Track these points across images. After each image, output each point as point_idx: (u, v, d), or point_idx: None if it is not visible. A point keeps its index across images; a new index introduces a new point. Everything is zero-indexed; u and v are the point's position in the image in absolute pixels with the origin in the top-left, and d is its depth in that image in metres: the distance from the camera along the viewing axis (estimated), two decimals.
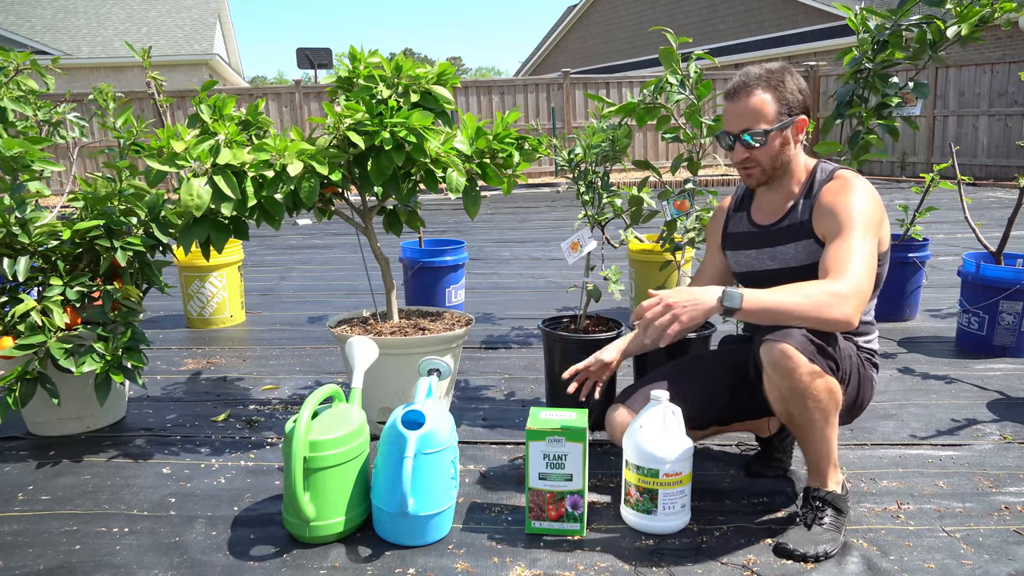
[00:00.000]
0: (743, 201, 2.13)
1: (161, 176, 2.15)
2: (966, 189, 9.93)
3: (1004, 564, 1.71)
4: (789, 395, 1.72)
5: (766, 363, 1.73)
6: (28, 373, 2.27)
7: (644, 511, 1.84)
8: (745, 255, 2.07)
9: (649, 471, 1.81)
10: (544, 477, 1.83)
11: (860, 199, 1.83)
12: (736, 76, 1.93)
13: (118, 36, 19.27)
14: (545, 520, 1.85)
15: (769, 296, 1.69)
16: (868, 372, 1.95)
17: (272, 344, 3.66)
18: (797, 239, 1.93)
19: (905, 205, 3.79)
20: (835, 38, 14.94)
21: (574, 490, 1.83)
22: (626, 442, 1.87)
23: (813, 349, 1.71)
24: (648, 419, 1.84)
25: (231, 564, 1.76)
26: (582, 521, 1.85)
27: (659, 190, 2.80)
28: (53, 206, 2.86)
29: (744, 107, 1.87)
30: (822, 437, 1.77)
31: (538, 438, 1.82)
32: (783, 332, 1.71)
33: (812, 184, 1.94)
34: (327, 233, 7.75)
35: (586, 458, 1.82)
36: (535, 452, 1.83)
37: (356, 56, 2.49)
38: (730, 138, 1.92)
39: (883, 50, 2.86)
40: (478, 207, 2.44)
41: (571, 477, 1.82)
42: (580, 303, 4.31)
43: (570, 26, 23.89)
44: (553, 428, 1.82)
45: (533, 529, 1.87)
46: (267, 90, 12.33)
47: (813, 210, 1.90)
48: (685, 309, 1.66)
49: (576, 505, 1.84)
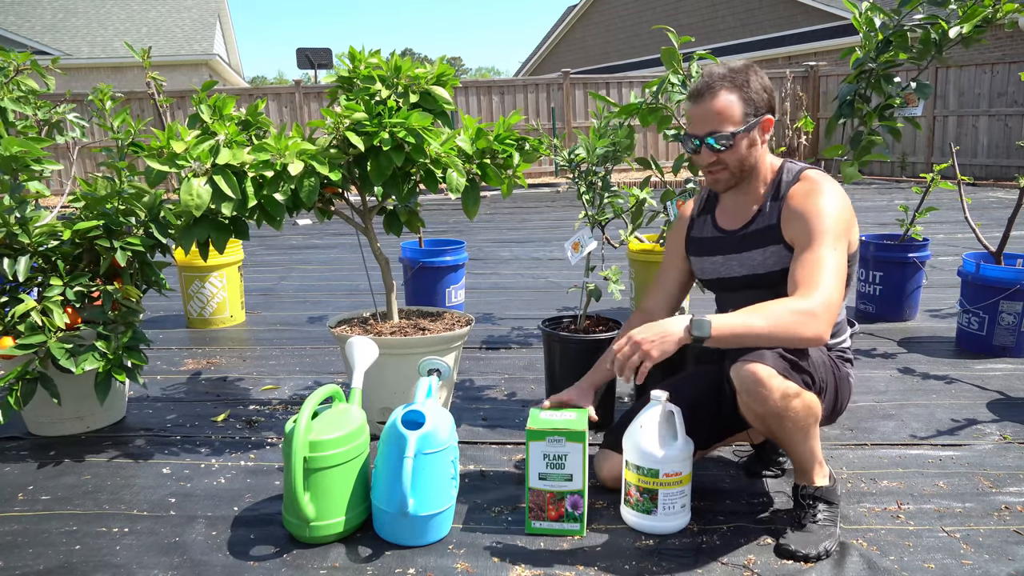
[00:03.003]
0: (707, 204, 2.09)
1: (161, 176, 2.15)
2: (966, 189, 9.93)
3: (1004, 564, 1.71)
4: (766, 417, 1.72)
5: (739, 388, 1.71)
6: (28, 373, 2.27)
7: (644, 511, 1.84)
8: (711, 261, 2.03)
9: (649, 471, 1.81)
10: (544, 477, 1.83)
11: (829, 204, 1.79)
12: (699, 77, 1.87)
13: (118, 36, 19.27)
14: (545, 520, 1.85)
15: (739, 320, 1.67)
16: (844, 371, 1.93)
17: (272, 344, 3.66)
18: (765, 244, 1.90)
19: (905, 205, 3.79)
20: (835, 38, 14.94)
21: (574, 490, 1.83)
22: (626, 442, 1.86)
23: (786, 365, 1.69)
24: (648, 419, 1.84)
25: (231, 564, 1.76)
26: (582, 521, 1.85)
27: (660, 190, 2.81)
28: (53, 206, 2.86)
29: (709, 109, 1.82)
30: (805, 447, 1.78)
31: (538, 438, 1.82)
32: (755, 353, 1.69)
33: (779, 185, 1.90)
34: (327, 233, 7.75)
35: (586, 458, 1.82)
36: (535, 452, 1.83)
37: (356, 56, 2.49)
38: (695, 142, 1.86)
39: (887, 50, 2.86)
40: (478, 207, 2.44)
41: (571, 477, 1.82)
42: (580, 303, 4.31)
43: (570, 26, 23.89)
44: (553, 428, 1.81)
45: (533, 529, 1.86)
46: (267, 90, 12.33)
47: (781, 213, 1.86)
48: (654, 344, 1.64)
49: (576, 505, 1.83)
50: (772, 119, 1.87)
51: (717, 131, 1.82)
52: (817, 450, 1.81)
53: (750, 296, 1.91)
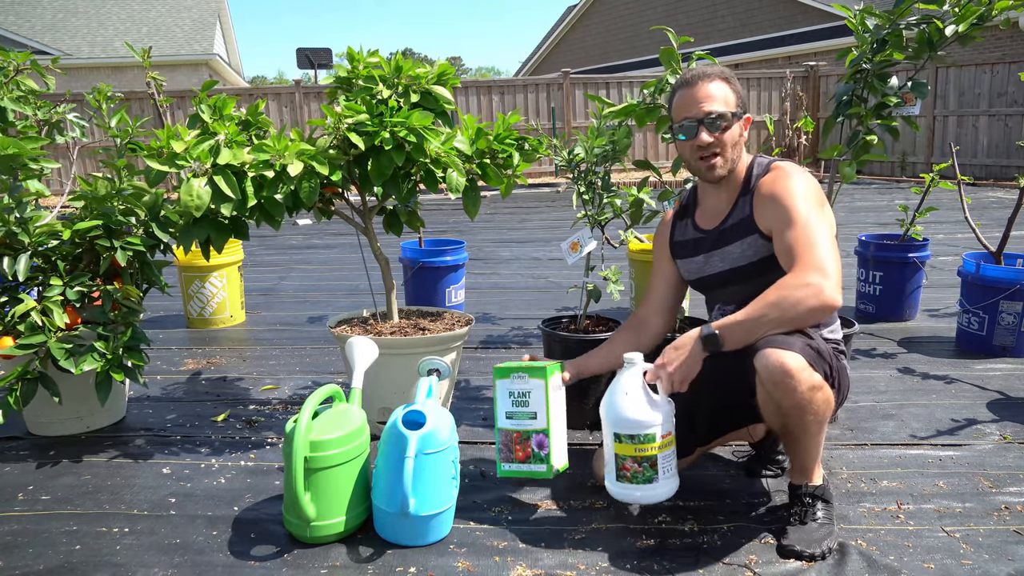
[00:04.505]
0: (687, 208, 2.12)
1: (161, 176, 2.15)
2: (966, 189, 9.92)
3: (1004, 564, 1.71)
4: (788, 410, 1.71)
5: (765, 379, 1.70)
6: (28, 373, 2.27)
7: (645, 481, 1.76)
8: (694, 261, 2.05)
9: (646, 437, 1.74)
10: (511, 416, 1.90)
11: (799, 185, 1.83)
12: (687, 71, 1.94)
13: (118, 36, 19.27)
14: (514, 462, 1.91)
15: (744, 313, 1.69)
16: (842, 363, 1.94)
17: (272, 344, 3.66)
18: (741, 236, 1.92)
19: (905, 205, 3.79)
20: (835, 38, 14.94)
21: (539, 429, 1.87)
22: (610, 413, 1.77)
23: (814, 354, 1.70)
24: (631, 384, 1.76)
25: (231, 564, 1.76)
26: (548, 462, 1.88)
27: (659, 190, 2.81)
28: (53, 206, 2.86)
29: (708, 91, 1.86)
30: (815, 442, 1.78)
31: (503, 375, 1.92)
32: (782, 340, 1.69)
33: (750, 179, 1.94)
34: (327, 233, 7.75)
35: (549, 397, 1.86)
36: (501, 390, 1.91)
37: (355, 56, 2.49)
38: (693, 124, 1.87)
39: (882, 50, 2.87)
40: (478, 207, 2.44)
41: (535, 415, 1.87)
42: (580, 303, 4.31)
43: (570, 26, 23.89)
44: (518, 367, 1.90)
45: (504, 472, 1.92)
46: (267, 90, 12.33)
47: (753, 203, 1.89)
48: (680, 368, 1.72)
49: (542, 445, 1.87)
50: (750, 118, 1.96)
51: (716, 111, 1.85)
52: (822, 448, 1.82)
53: (735, 291, 1.96)
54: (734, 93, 1.89)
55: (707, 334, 1.71)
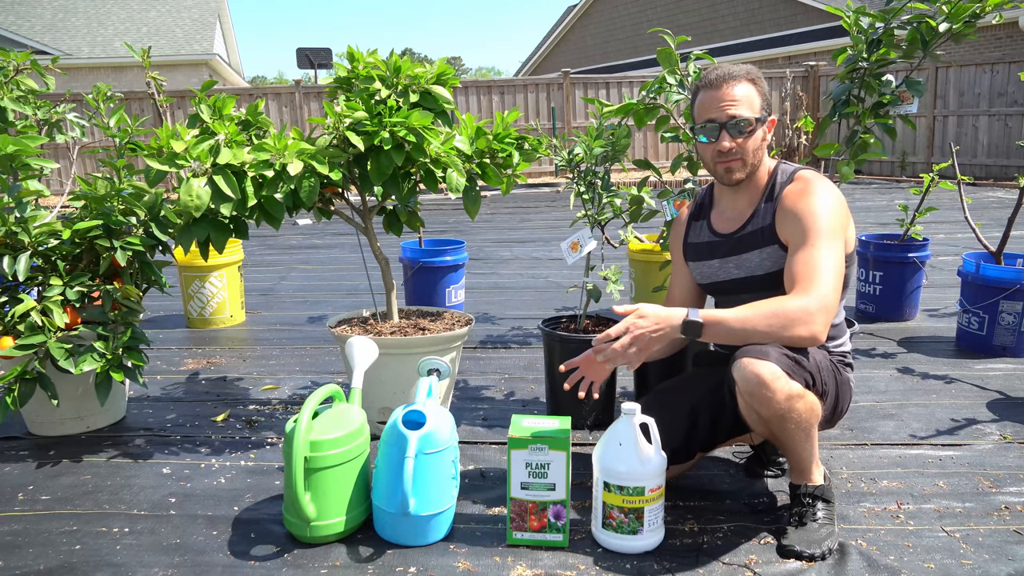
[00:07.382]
0: (702, 209, 2.07)
1: (161, 176, 2.15)
2: (966, 189, 9.93)
3: (1004, 564, 1.70)
4: (768, 419, 1.71)
5: (742, 389, 1.69)
6: (28, 373, 2.27)
7: (630, 532, 1.76)
8: (708, 265, 2.01)
9: (635, 490, 1.73)
10: (526, 487, 1.78)
11: (824, 202, 1.78)
12: (712, 70, 1.87)
13: (118, 36, 19.27)
14: (527, 531, 1.80)
15: (732, 314, 1.66)
16: (844, 375, 1.92)
17: (272, 344, 3.66)
18: (761, 246, 1.88)
19: (905, 205, 3.79)
20: (835, 38, 14.94)
21: (557, 500, 1.78)
22: (603, 463, 1.77)
23: (790, 364, 1.68)
24: (625, 435, 1.75)
25: (231, 564, 1.76)
26: (565, 532, 1.80)
27: (659, 190, 2.80)
28: (53, 206, 2.86)
29: (733, 94, 1.81)
30: (804, 447, 1.77)
31: (520, 446, 1.76)
32: (758, 349, 1.68)
33: (773, 186, 1.89)
34: (327, 233, 7.75)
35: (569, 467, 1.78)
36: (517, 461, 1.77)
37: (354, 56, 2.49)
38: (715, 127, 1.83)
39: (877, 49, 2.87)
40: (478, 207, 2.44)
41: (554, 487, 1.77)
42: (580, 303, 4.31)
43: (570, 26, 23.89)
44: (536, 436, 1.75)
45: (514, 540, 1.81)
46: (267, 90, 12.33)
47: (776, 213, 1.85)
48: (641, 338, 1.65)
49: (559, 515, 1.79)
50: (775, 120, 1.89)
51: (740, 115, 1.81)
52: (816, 450, 1.81)
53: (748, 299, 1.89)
54: (759, 96, 1.83)
55: (691, 320, 1.65)
